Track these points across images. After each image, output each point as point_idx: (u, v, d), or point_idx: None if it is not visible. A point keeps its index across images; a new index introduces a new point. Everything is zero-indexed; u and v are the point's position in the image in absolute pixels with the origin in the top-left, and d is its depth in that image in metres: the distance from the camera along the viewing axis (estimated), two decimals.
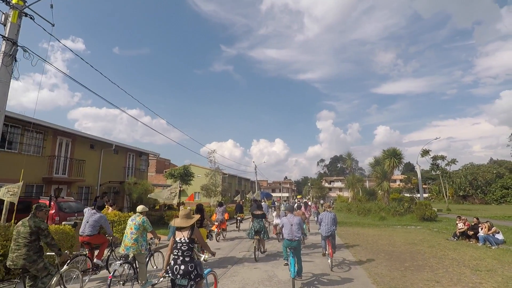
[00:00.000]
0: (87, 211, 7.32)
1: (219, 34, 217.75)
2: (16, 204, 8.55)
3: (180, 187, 31.56)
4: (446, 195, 33.70)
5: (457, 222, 13.90)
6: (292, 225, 7.22)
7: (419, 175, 26.61)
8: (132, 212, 15.78)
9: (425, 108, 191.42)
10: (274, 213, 15.00)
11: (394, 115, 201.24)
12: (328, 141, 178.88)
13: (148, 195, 24.58)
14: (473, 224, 13.07)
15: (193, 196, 35.18)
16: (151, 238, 7.17)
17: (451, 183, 47.06)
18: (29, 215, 4.90)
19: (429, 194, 61.97)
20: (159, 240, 7.63)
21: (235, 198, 50.99)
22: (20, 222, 4.86)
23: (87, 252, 6.95)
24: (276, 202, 32.10)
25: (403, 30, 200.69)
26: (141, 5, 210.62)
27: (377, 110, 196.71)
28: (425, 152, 32.35)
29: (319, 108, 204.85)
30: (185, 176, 36.43)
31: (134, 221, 6.40)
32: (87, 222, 7.01)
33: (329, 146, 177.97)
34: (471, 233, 12.74)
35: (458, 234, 13.29)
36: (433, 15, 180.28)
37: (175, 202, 18.29)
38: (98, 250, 7.17)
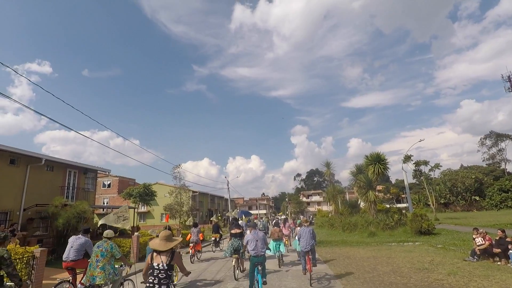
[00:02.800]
0: (72, 238, 7.10)
1: (191, 54, 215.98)
2: None
3: (134, 208, 27.25)
4: (432, 203, 31.49)
5: (474, 236, 10.91)
6: (257, 240, 7.33)
7: (406, 182, 24.05)
8: (37, 246, 11.71)
9: (393, 120, 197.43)
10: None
11: (365, 127, 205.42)
12: (304, 156, 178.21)
13: (99, 222, 20.38)
14: (497, 238, 10.12)
15: (168, 217, 30.85)
16: (121, 265, 6.67)
17: (431, 190, 45.57)
18: None
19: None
20: (130, 267, 7.26)
21: (212, 218, 46.75)
22: None
23: (71, 278, 6.79)
24: (255, 221, 28.29)
25: (367, 46, 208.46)
26: (109, 27, 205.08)
27: (349, 123, 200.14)
28: (407, 158, 30.13)
29: (293, 123, 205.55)
30: (145, 195, 32.12)
31: (100, 247, 5.90)
32: (72, 246, 6.83)
33: (304, 160, 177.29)
34: (497, 250, 9.76)
35: (478, 253, 10.29)
36: (394, 31, 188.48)
37: (127, 227, 15.13)
38: (82, 275, 6.62)
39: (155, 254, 4.00)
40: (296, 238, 11.59)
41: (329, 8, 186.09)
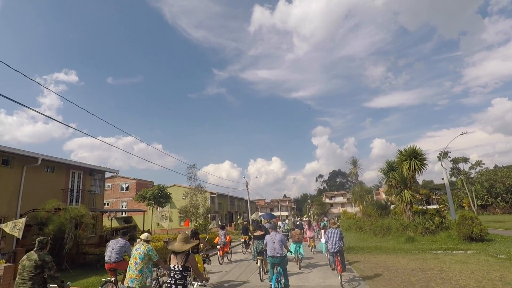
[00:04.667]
0: (112, 241, 7.37)
1: (211, 58, 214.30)
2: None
3: (144, 211, 25.67)
4: (473, 205, 27.91)
5: None
6: (274, 242, 7.40)
7: (446, 181, 20.99)
8: (3, 261, 10.08)
9: (418, 120, 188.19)
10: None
11: (388, 127, 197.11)
12: (325, 157, 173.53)
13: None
14: None
15: (188, 221, 29.37)
16: (159, 268, 6.83)
17: (470, 190, 41.47)
18: (34, 249, 4.70)
19: (441, 206, 55.92)
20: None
21: (240, 220, 45.32)
22: (25, 256, 4.67)
23: (113, 278, 6.97)
24: (279, 223, 25.88)
25: (390, 45, 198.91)
26: (132, 34, 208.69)
27: (372, 123, 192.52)
28: (445, 155, 26.90)
29: (314, 124, 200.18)
30: (160, 197, 30.65)
31: (138, 250, 5.86)
32: (113, 249, 7.04)
33: (326, 161, 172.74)
34: None
35: None
36: (419, 28, 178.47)
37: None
38: (123, 276, 6.52)
39: (172, 255, 4.14)
40: (322, 240, 11.80)
41: (350, 7, 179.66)
